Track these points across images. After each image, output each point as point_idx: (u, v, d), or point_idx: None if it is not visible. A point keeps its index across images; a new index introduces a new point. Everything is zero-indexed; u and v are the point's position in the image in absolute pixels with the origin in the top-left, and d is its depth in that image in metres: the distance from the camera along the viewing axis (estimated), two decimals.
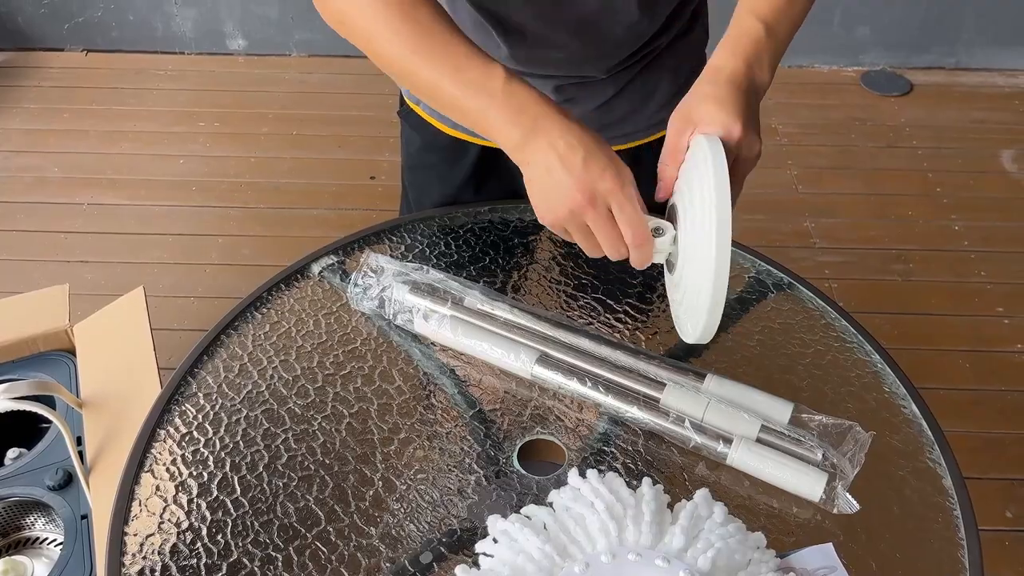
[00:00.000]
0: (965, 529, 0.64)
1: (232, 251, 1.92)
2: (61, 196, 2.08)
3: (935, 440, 0.70)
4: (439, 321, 0.75)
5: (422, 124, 0.93)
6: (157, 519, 0.63)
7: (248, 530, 0.63)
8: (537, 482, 0.66)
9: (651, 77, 0.87)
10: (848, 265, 1.89)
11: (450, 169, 0.94)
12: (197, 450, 0.68)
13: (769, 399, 0.69)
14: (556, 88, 0.84)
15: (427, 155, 0.96)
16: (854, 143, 2.26)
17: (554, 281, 0.84)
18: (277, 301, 0.81)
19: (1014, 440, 1.53)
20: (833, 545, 0.62)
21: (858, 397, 0.73)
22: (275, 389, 0.73)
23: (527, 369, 0.72)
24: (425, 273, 0.79)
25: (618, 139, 0.90)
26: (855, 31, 2.49)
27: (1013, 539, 1.39)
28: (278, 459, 0.68)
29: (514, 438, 0.69)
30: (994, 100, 2.41)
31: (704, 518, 0.61)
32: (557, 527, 0.60)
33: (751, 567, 0.58)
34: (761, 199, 2.08)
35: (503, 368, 0.74)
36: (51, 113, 2.35)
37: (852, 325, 0.79)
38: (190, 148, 2.21)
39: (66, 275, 1.78)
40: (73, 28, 2.57)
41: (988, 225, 1.99)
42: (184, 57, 2.57)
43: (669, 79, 0.88)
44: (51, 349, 1.19)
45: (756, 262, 0.86)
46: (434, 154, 0.94)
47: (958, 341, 1.71)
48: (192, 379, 0.74)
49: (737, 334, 0.79)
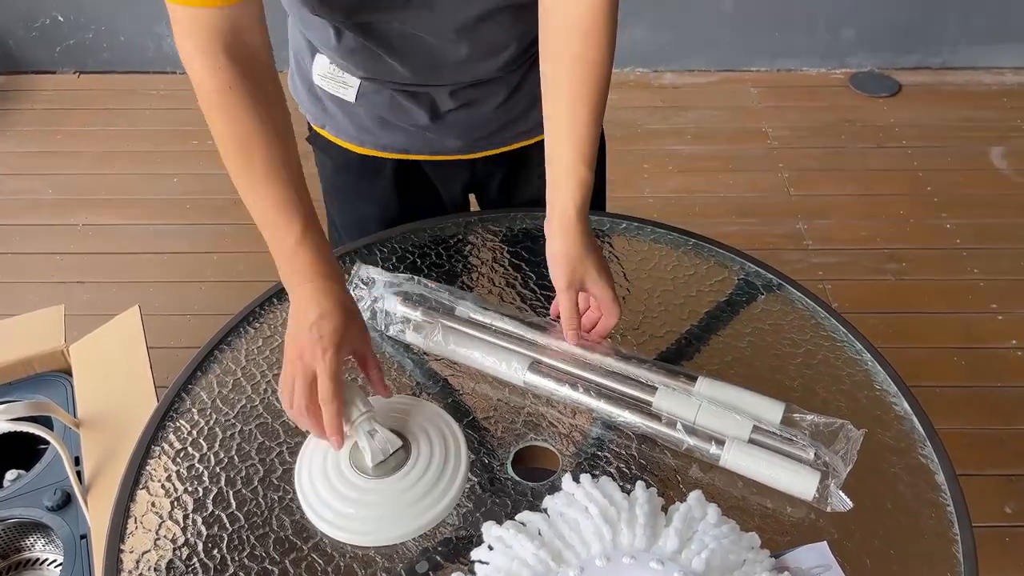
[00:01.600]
0: (959, 524, 0.64)
1: (227, 268, 1.92)
2: (56, 217, 2.09)
3: (927, 436, 0.70)
4: (430, 331, 0.75)
5: (330, 146, 0.92)
6: (153, 535, 0.64)
7: (244, 544, 0.63)
8: (532, 488, 0.67)
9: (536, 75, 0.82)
10: (841, 266, 1.89)
11: (369, 187, 0.93)
12: (192, 465, 0.69)
13: (760, 399, 0.69)
14: (451, 93, 0.84)
15: (342, 177, 0.94)
16: (844, 144, 2.27)
17: (544, 287, 0.84)
18: (270, 315, 0.82)
19: (1010, 436, 1.53)
20: (827, 543, 0.62)
21: (849, 395, 0.73)
22: (269, 403, 0.73)
23: (519, 376, 0.72)
24: (416, 284, 0.80)
25: (522, 135, 0.90)
26: (841, 34, 2.51)
27: (1013, 535, 1.39)
28: (273, 472, 0.68)
29: (508, 445, 0.70)
30: (981, 98, 2.43)
31: (698, 520, 0.61)
32: (552, 532, 0.60)
33: (745, 567, 0.58)
34: (753, 202, 2.09)
35: (496, 376, 0.74)
36: (44, 135, 2.36)
37: (842, 324, 0.80)
38: (183, 167, 2.21)
39: (61, 296, 1.79)
40: (65, 51, 2.58)
41: (979, 222, 2.00)
42: (176, 77, 2.58)
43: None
44: (47, 370, 1.19)
45: (745, 264, 0.86)
46: (349, 175, 0.93)
47: (952, 339, 1.71)
48: (186, 395, 0.74)
49: (727, 335, 0.79)
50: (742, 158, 2.23)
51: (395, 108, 0.85)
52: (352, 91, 0.85)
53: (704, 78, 2.55)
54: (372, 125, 0.87)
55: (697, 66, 2.57)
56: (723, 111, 2.41)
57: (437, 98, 0.84)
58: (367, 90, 0.84)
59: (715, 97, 2.47)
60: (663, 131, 2.33)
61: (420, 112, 0.85)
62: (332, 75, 0.85)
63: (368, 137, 0.89)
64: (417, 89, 0.84)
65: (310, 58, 0.86)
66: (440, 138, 0.87)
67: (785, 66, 2.57)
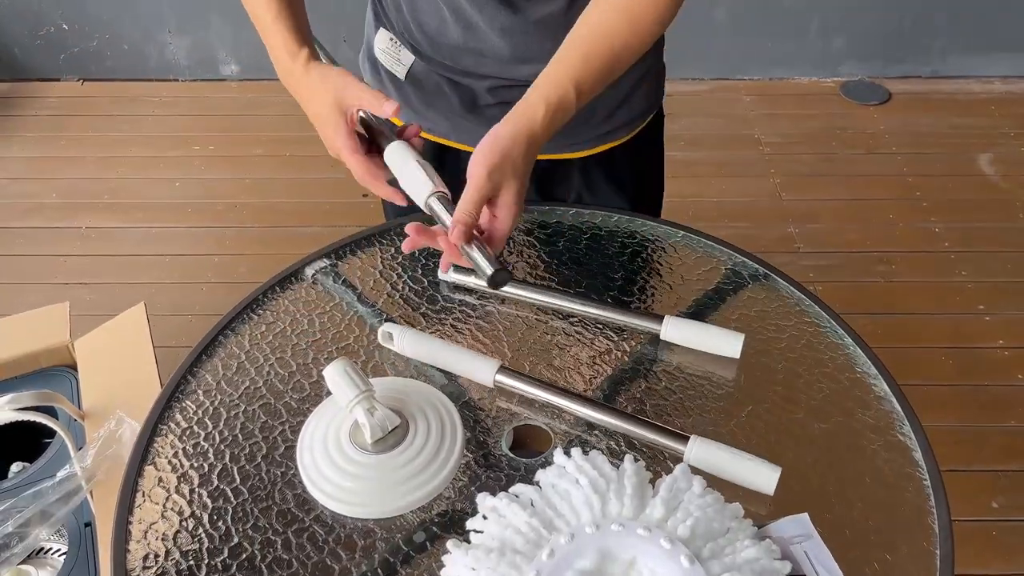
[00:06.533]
0: (934, 495, 0.66)
1: (228, 270, 1.95)
2: (59, 221, 2.12)
3: (905, 416, 0.73)
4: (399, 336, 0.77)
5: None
6: (160, 507, 0.66)
7: (248, 516, 0.65)
8: (525, 464, 0.69)
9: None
10: (832, 268, 1.93)
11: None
12: (198, 443, 0.71)
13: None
14: (489, 89, 0.88)
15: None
16: (835, 151, 2.31)
17: (539, 278, 0.87)
18: (272, 303, 0.84)
19: (996, 432, 1.56)
20: (808, 515, 0.65)
21: (831, 377, 0.76)
22: (272, 384, 0.76)
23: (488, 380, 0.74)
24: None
25: (556, 148, 0.92)
26: (832, 43, 2.56)
27: (1000, 529, 1.42)
28: (276, 450, 0.70)
29: (503, 424, 0.72)
30: (970, 106, 2.47)
31: (683, 491, 0.63)
32: (544, 503, 0.63)
33: (729, 535, 0.61)
34: (746, 207, 2.12)
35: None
36: (49, 141, 2.39)
37: (825, 311, 0.83)
38: (185, 171, 2.25)
39: (65, 297, 1.79)
40: (69, 58, 2.62)
41: (967, 226, 2.04)
42: (178, 84, 2.62)
43: (610, 90, 0.87)
44: (53, 364, 1.21)
45: (732, 255, 0.89)
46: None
47: (940, 339, 1.74)
48: (192, 377, 0.77)
49: (715, 322, 0.82)
50: (735, 164, 2.27)
51: (439, 93, 0.91)
52: (404, 69, 0.91)
53: (698, 86, 2.59)
54: (419, 105, 0.93)
55: (691, 74, 2.62)
56: (716, 118, 2.45)
57: (476, 91, 0.87)
58: (417, 69, 0.90)
59: (708, 105, 2.51)
60: None
61: (459, 101, 0.89)
62: (389, 50, 0.91)
63: (414, 116, 0.94)
64: (460, 79, 0.88)
65: (374, 32, 0.94)
66: (477, 129, 0.90)
67: (777, 75, 2.61)
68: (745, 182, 2.20)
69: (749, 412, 0.73)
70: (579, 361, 0.78)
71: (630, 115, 0.95)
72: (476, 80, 0.88)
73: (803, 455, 0.69)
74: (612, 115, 0.94)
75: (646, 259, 0.90)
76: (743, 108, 2.49)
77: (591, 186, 0.99)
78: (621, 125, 0.95)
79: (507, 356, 0.78)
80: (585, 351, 0.79)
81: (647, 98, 0.96)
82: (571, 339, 0.80)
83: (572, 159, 0.96)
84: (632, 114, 0.95)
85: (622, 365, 0.78)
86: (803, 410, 0.73)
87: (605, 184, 0.99)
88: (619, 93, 0.92)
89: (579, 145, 0.95)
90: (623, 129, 0.96)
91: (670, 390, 0.75)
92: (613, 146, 0.96)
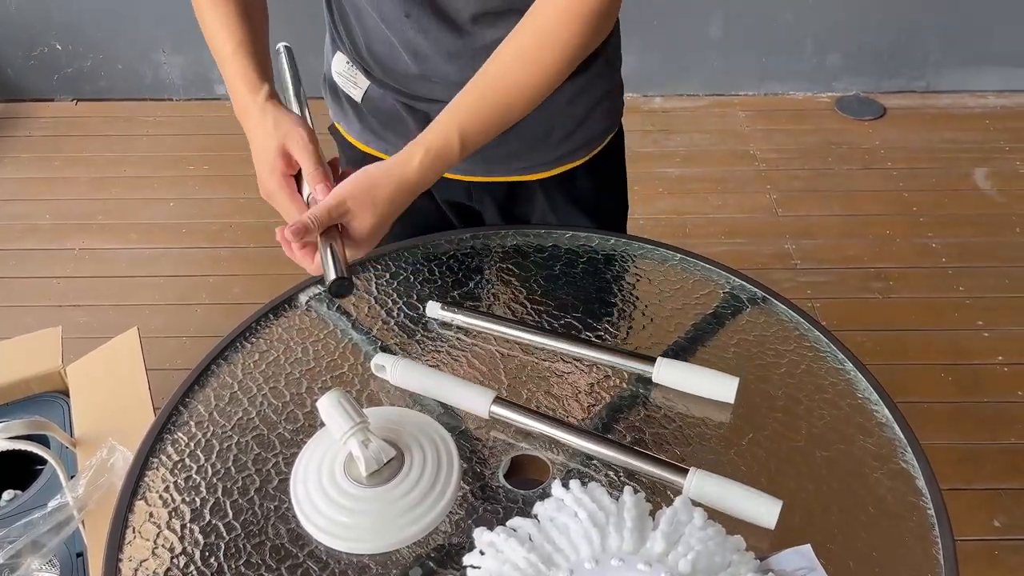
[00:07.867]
0: (939, 526, 0.65)
1: (223, 291, 1.94)
2: (53, 242, 2.11)
3: (908, 443, 0.72)
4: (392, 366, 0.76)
5: (344, 141, 1.00)
6: (151, 544, 0.65)
7: (241, 552, 0.64)
8: (523, 496, 0.68)
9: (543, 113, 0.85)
10: (829, 284, 1.92)
11: None
12: (189, 476, 0.70)
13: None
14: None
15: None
16: (831, 166, 2.31)
17: (535, 302, 0.86)
18: (266, 331, 0.83)
19: (997, 450, 1.55)
20: (811, 546, 0.64)
21: (832, 403, 0.75)
22: (265, 415, 0.75)
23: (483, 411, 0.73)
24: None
25: (520, 170, 0.95)
26: (827, 59, 2.57)
27: (1002, 548, 1.40)
28: (269, 483, 0.69)
29: (500, 454, 0.71)
30: (964, 120, 2.48)
31: (684, 523, 0.62)
32: (542, 537, 0.62)
33: (731, 569, 0.60)
34: (742, 223, 2.12)
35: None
36: (42, 161, 2.39)
37: (825, 335, 0.82)
38: (179, 191, 2.24)
39: (59, 319, 1.79)
40: (63, 78, 2.62)
41: (964, 241, 2.04)
42: (172, 103, 2.62)
43: (566, 112, 0.91)
44: (44, 391, 1.20)
45: (731, 278, 0.89)
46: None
47: (939, 355, 1.74)
48: (184, 408, 0.76)
49: (713, 346, 0.81)
50: (731, 180, 2.27)
51: (396, 116, 0.92)
52: (360, 92, 0.91)
53: (693, 102, 2.60)
54: (378, 127, 0.94)
55: (686, 91, 2.62)
56: (712, 134, 2.46)
57: (431, 114, 0.87)
58: (373, 94, 0.91)
59: (704, 121, 2.52)
60: (653, 154, 2.38)
61: (415, 125, 0.89)
62: (346, 73, 0.92)
63: (372, 138, 0.95)
64: (414, 104, 0.89)
65: (331, 55, 0.94)
66: None
67: (772, 90, 2.62)
68: (741, 198, 2.20)
69: (749, 440, 0.72)
70: (577, 389, 0.77)
71: (589, 135, 0.95)
72: (429, 104, 0.88)
73: (804, 484, 0.68)
74: (570, 136, 0.94)
75: (643, 283, 0.89)
76: (738, 124, 2.50)
77: (554, 207, 0.99)
78: (580, 146, 0.95)
79: (503, 384, 0.77)
80: (583, 379, 0.78)
81: (606, 118, 0.96)
82: (568, 366, 0.79)
83: (532, 181, 0.96)
84: (591, 134, 0.96)
85: (620, 392, 0.77)
86: (804, 437, 0.72)
87: (567, 205, 0.99)
88: (576, 114, 0.92)
89: (537, 167, 0.95)
90: (582, 150, 0.96)
91: (669, 418, 0.74)
92: (573, 167, 0.96)
